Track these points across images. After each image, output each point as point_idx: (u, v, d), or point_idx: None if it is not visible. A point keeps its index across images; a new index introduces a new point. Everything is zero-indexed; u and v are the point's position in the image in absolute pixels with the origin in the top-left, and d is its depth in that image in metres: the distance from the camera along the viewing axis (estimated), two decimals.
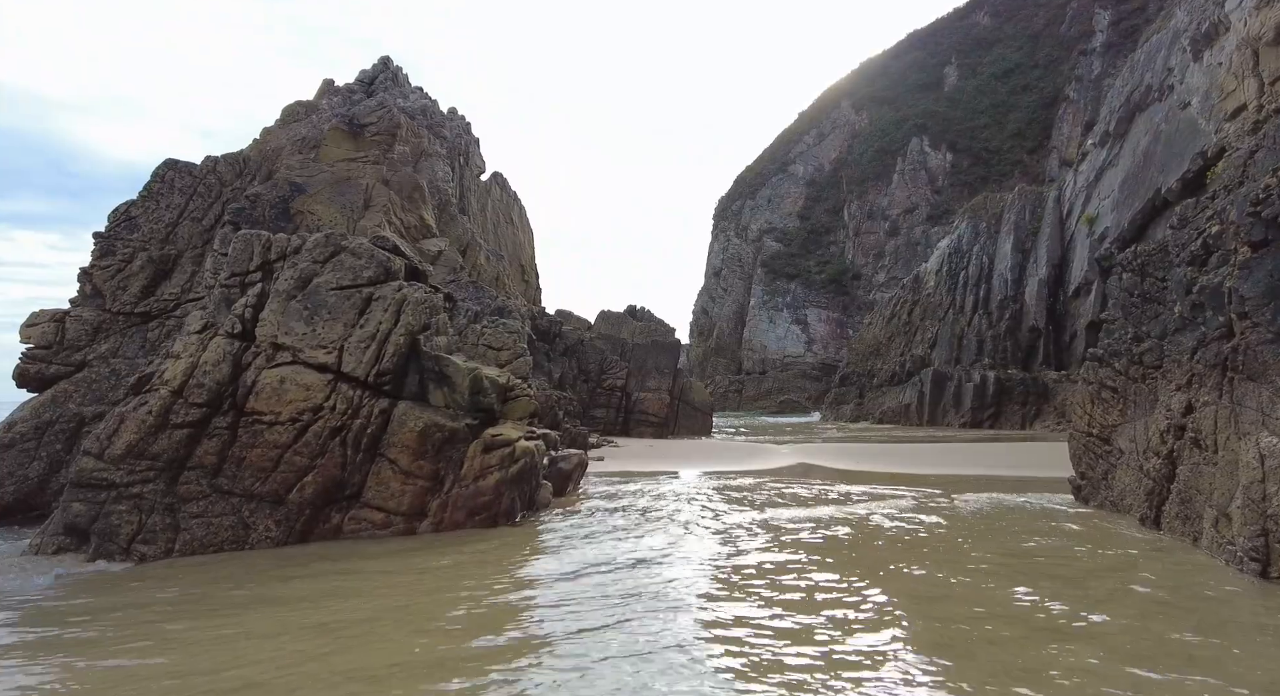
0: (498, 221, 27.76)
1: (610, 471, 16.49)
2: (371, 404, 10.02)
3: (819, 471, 17.15)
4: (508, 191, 29.98)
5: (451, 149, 24.64)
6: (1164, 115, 41.25)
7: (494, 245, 26.02)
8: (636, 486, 13.77)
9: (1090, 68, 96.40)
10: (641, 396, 32.26)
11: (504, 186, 30.13)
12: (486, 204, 27.33)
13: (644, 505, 11.73)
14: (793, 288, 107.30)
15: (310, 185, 14.33)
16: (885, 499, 12.45)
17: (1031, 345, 49.69)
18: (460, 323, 12.67)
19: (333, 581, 7.44)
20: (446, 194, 19.06)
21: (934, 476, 15.97)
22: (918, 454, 21.44)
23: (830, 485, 14.18)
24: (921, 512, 11.02)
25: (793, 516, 10.79)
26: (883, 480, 15.34)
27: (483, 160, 28.77)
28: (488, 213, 27.05)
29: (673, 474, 16.08)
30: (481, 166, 28.34)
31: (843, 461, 19.07)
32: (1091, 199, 48.76)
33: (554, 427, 17.64)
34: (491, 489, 10.34)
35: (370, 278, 10.57)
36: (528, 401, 11.73)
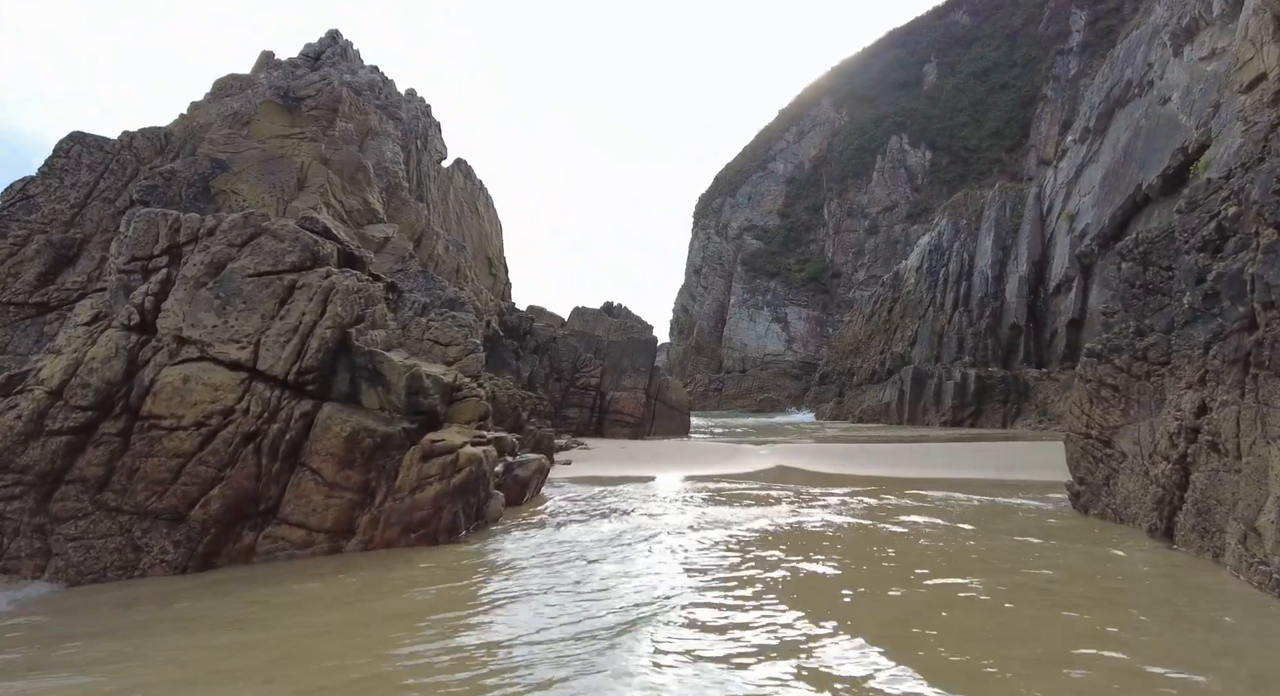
0: (461, 211, 26.47)
1: (577, 477, 15.37)
2: (292, 406, 8.82)
3: (797, 475, 16.17)
4: (472, 180, 28.62)
5: (408, 131, 23.25)
6: (1144, 111, 40.95)
7: (457, 236, 24.73)
8: (602, 494, 12.66)
9: (1067, 67, 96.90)
10: (616, 396, 31.16)
11: (469, 175, 28.78)
12: (449, 192, 26.00)
13: (606, 518, 10.61)
14: (773, 286, 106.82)
15: (235, 162, 12.98)
16: (870, 508, 11.46)
17: (1012, 343, 49.32)
18: (405, 315, 11.48)
19: (222, 615, 6.26)
20: (397, 177, 17.75)
21: (918, 480, 15.05)
22: (899, 455, 20.57)
23: (809, 491, 13.18)
24: (909, 528, 10.03)
25: (766, 525, 9.76)
26: (863, 483, 14.38)
27: (444, 146, 27.37)
28: (450, 201, 25.73)
29: (642, 479, 15.00)
30: (442, 152, 26.94)
31: (822, 463, 18.12)
32: (1072, 195, 48.48)
33: (516, 430, 16.49)
34: (430, 502, 9.18)
35: (294, 263, 9.34)
36: (477, 403, 10.57)
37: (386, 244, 14.89)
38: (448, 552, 8.90)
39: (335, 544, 8.77)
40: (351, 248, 10.69)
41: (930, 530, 9.63)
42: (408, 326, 11.26)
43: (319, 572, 7.93)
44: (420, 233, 18.05)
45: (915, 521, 10.25)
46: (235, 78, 17.91)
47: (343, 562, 8.42)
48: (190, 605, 6.66)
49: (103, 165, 12.66)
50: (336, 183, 14.21)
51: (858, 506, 11.54)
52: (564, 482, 14.44)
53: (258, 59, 19.32)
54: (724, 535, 9.29)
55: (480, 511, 10.14)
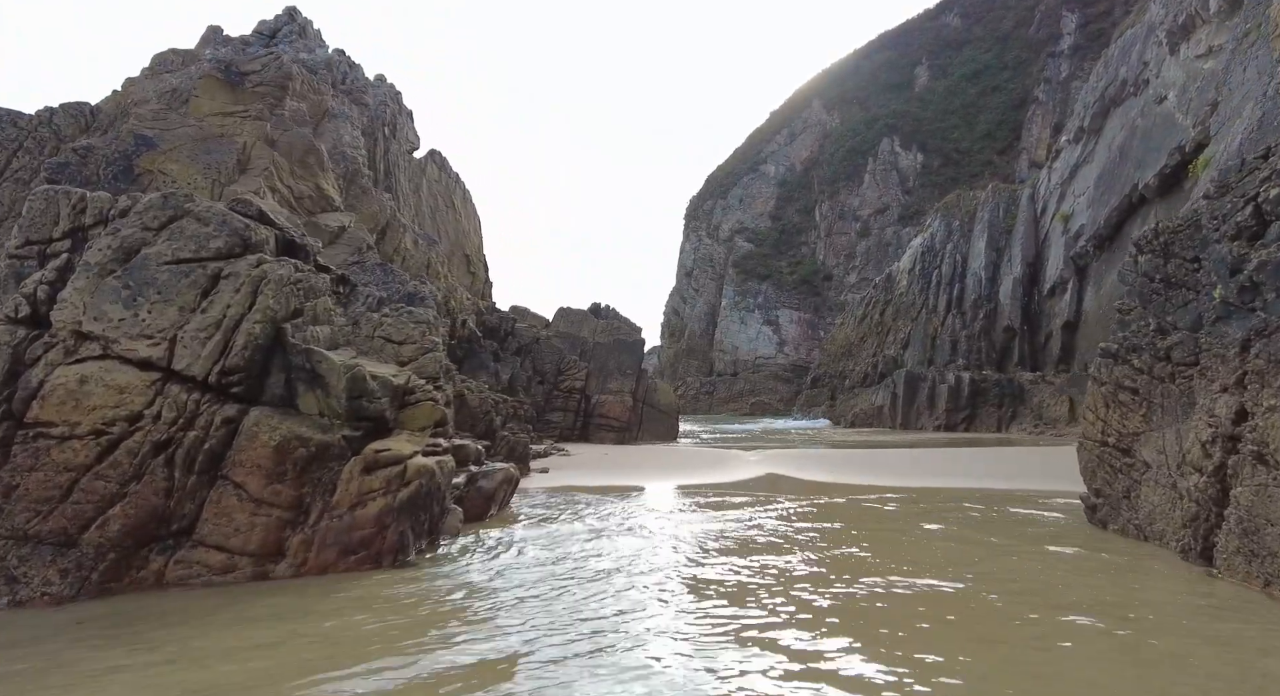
0: (435, 205, 25.30)
1: (553, 487, 14.29)
2: (213, 411, 7.72)
3: (789, 484, 15.15)
4: (448, 172, 27.42)
5: (374, 118, 22.01)
6: (1140, 110, 40.35)
7: (431, 231, 23.57)
8: (576, 508, 11.59)
9: (1058, 70, 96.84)
10: (602, 399, 30.10)
11: (443, 167, 27.56)
12: (421, 184, 24.83)
13: (577, 537, 9.55)
14: (764, 288, 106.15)
15: (165, 140, 11.82)
16: (864, 524, 10.45)
17: (1006, 346, 48.62)
18: (357, 310, 10.39)
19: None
20: (357, 164, 16.60)
21: (917, 490, 14.06)
22: (894, 462, 19.60)
23: (805, 504, 12.17)
24: (924, 549, 9.03)
25: (755, 535, 8.74)
26: (859, 493, 13.38)
27: (416, 136, 26.11)
28: (422, 194, 24.58)
29: (623, 490, 13.93)
30: (414, 142, 25.70)
31: (815, 471, 17.11)
32: (1066, 196, 47.87)
33: (487, 436, 15.40)
34: (373, 519, 8.10)
35: (220, 249, 8.25)
36: (431, 408, 9.50)
37: (342, 234, 13.79)
38: (391, 578, 7.82)
39: (262, 568, 7.67)
40: (293, 234, 9.61)
41: (945, 552, 8.63)
42: (358, 322, 10.18)
43: (234, 604, 6.83)
44: (384, 224, 16.86)
45: (931, 540, 9.25)
46: (176, 53, 16.60)
47: (267, 590, 7.32)
48: (58, 648, 5.56)
49: (16, 142, 11.54)
50: (284, 166, 13.04)
51: (841, 520, 10.53)
52: (538, 493, 13.37)
53: (203, 34, 17.97)
54: (719, 572, 8.25)
55: (434, 528, 9.06)
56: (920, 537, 9.39)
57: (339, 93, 18.83)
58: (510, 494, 12.24)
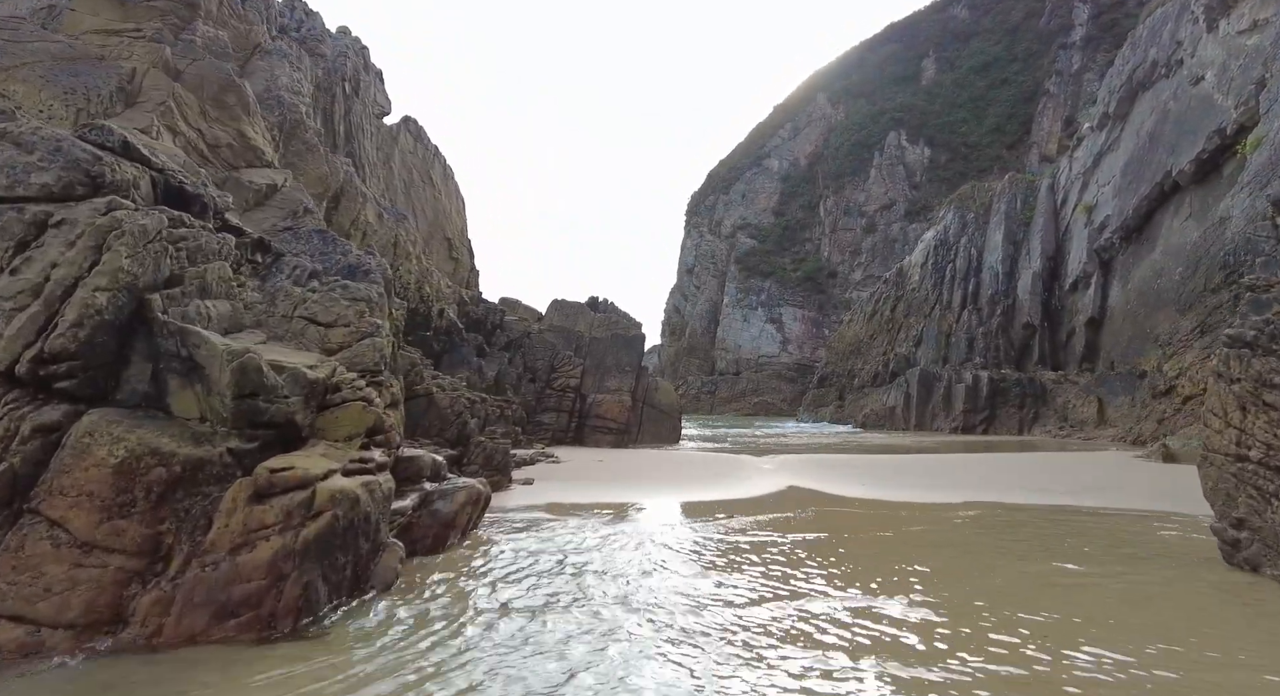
0: (410, 179, 22.81)
1: (533, 504, 11.90)
2: (18, 416, 5.36)
3: (818, 501, 12.77)
4: (425, 144, 24.87)
5: (331, 71, 19.47)
6: (1172, 92, 37.94)
7: (405, 208, 21.18)
8: (558, 538, 9.20)
9: (1070, 62, 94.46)
10: (599, 399, 27.71)
11: (419, 137, 24.95)
12: (392, 155, 22.32)
13: (558, 587, 7.15)
14: (767, 285, 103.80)
15: (10, 54, 9.40)
16: (977, 585, 8.06)
17: (1025, 343, 46.24)
18: (279, 284, 8.01)
19: None
20: (299, 113, 14.14)
21: (977, 506, 11.69)
22: (931, 471, 17.22)
23: (849, 534, 9.78)
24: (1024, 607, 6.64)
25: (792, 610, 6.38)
26: (913, 515, 11.01)
27: (387, 100, 23.53)
28: (394, 166, 22.11)
29: (618, 509, 11.55)
30: (385, 107, 23.15)
31: (842, 483, 14.74)
32: (1089, 186, 45.47)
33: (459, 443, 13.02)
34: (265, 566, 5.74)
35: (48, 187, 5.88)
36: (360, 410, 7.13)
37: (273, 194, 11.42)
38: (289, 652, 5.44)
39: (88, 642, 5.30)
40: (183, 180, 7.23)
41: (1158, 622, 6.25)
42: (275, 298, 7.81)
43: None
44: (337, 191, 14.40)
45: (1106, 598, 6.86)
46: None
47: (88, 683, 4.94)
48: None
49: None
50: (190, 103, 10.66)
51: (949, 578, 8.14)
52: (514, 513, 10.99)
53: None
54: (749, 643, 5.87)
55: (360, 575, 6.69)
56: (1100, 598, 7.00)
57: (288, 39, 16.33)
58: (478, 516, 9.85)
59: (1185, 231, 35.23)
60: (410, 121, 25.15)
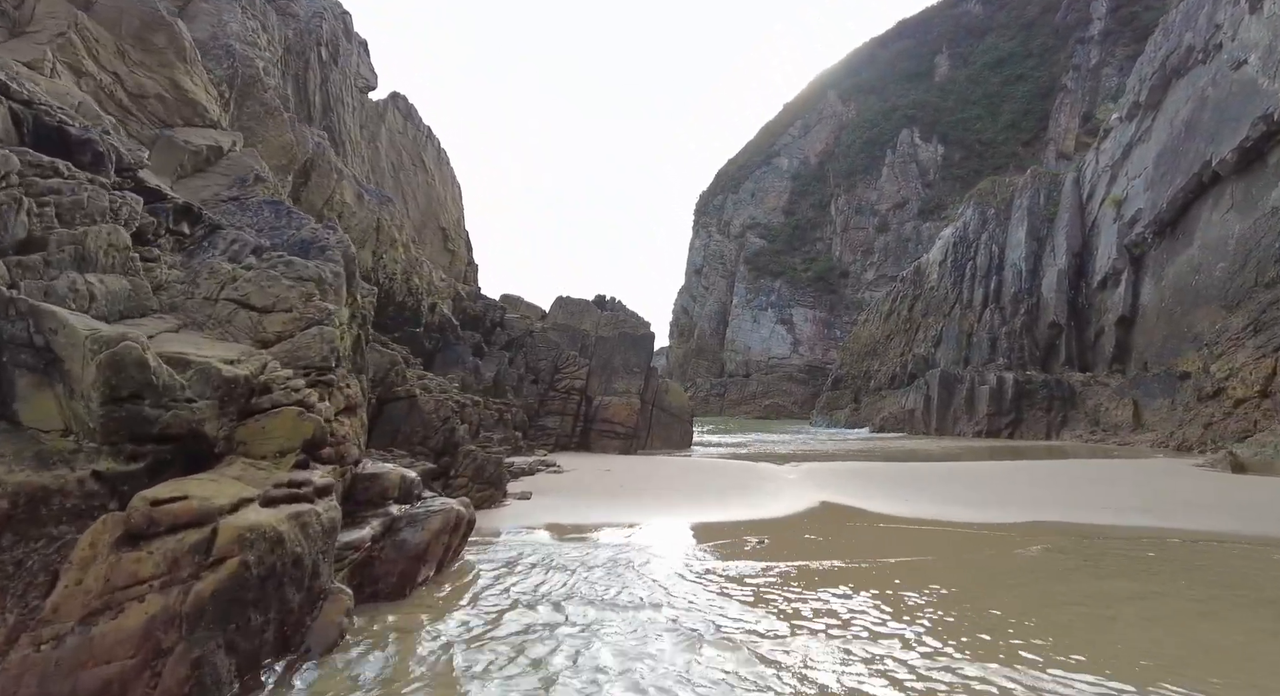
0: (399, 161, 21.10)
1: (529, 525, 10.24)
2: None
3: (861, 520, 11.04)
4: (416, 123, 23.08)
5: (304, 33, 17.76)
6: (1210, 78, 35.97)
7: (393, 192, 19.51)
8: (558, 575, 7.50)
9: (1088, 56, 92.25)
10: (606, 401, 26.06)
11: (410, 116, 23.16)
12: (379, 134, 20.58)
13: (555, 664, 5.42)
14: (777, 286, 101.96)
15: None
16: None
17: (1051, 343, 44.26)
18: (208, 260, 6.35)
19: None
20: (255, 71, 12.46)
21: (1045, 530, 9.94)
22: (977, 483, 15.44)
23: (923, 587, 8.05)
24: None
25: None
26: (974, 545, 9.28)
27: (373, 74, 21.70)
28: (380, 145, 20.38)
29: (632, 534, 9.84)
30: (370, 81, 21.34)
31: (884, 498, 13.00)
32: (1118, 179, 43.50)
33: (446, 452, 11.36)
34: (134, 639, 4.10)
35: None
36: (294, 419, 5.48)
37: (218, 159, 9.81)
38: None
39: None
40: (66, 121, 5.59)
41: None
42: (197, 277, 6.18)
43: None
44: (307, 164, 12.70)
45: None
46: None
47: None
48: None
49: None
50: (104, 41, 9.05)
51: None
52: (505, 538, 9.32)
53: None
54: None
55: (289, 636, 5.02)
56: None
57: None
58: (459, 544, 8.17)
59: (1226, 224, 33.27)
60: (399, 98, 23.36)
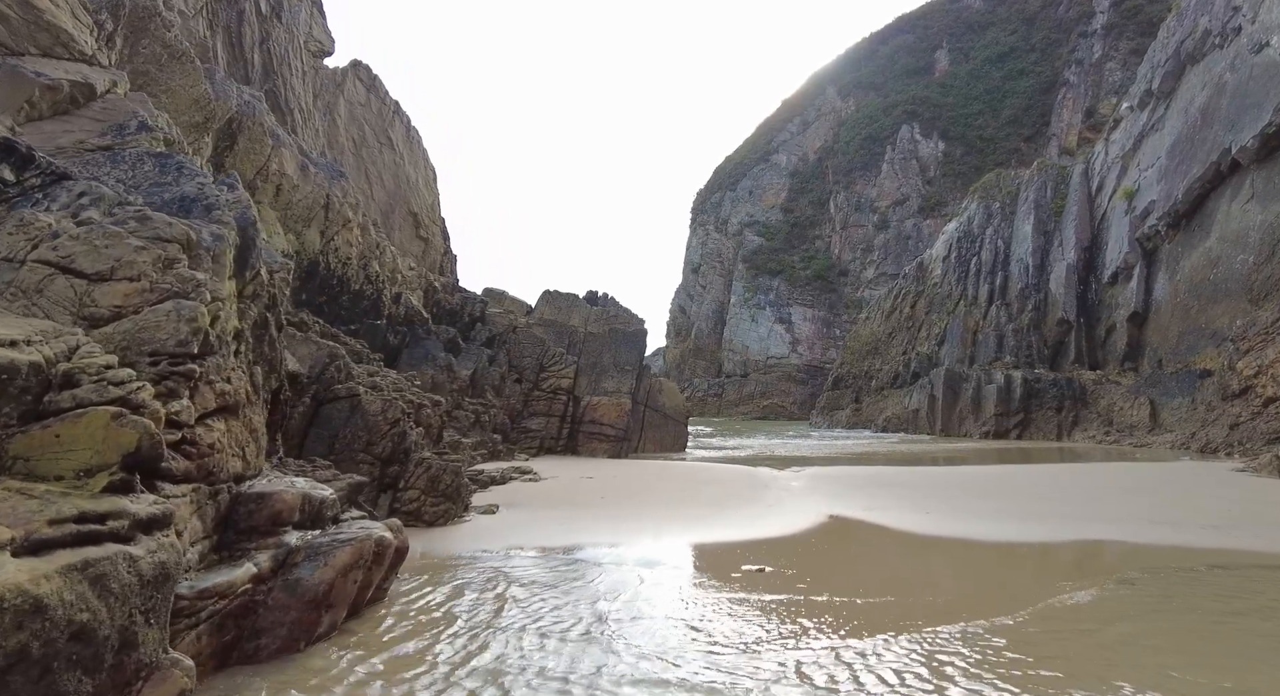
0: (361, 138, 19.32)
1: (487, 549, 8.63)
2: None
3: (880, 540, 9.44)
4: (380, 96, 21.20)
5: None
6: (1229, 63, 34.46)
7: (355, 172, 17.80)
8: (505, 633, 5.83)
9: (1090, 51, 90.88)
10: (594, 401, 24.44)
11: (373, 88, 21.27)
12: (337, 105, 18.83)
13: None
14: (775, 284, 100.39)
15: None
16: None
17: (1060, 341, 42.73)
18: (25, 212, 4.70)
19: None
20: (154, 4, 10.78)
21: (1099, 551, 8.36)
22: (1004, 488, 13.86)
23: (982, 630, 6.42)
24: None
25: None
26: (1018, 565, 7.69)
27: (328, 37, 19.84)
28: (338, 117, 18.63)
29: (606, 554, 8.24)
30: (325, 46, 19.31)
31: (897, 510, 11.42)
32: (1129, 170, 41.99)
33: (395, 461, 9.74)
34: None
35: None
36: (105, 424, 3.86)
37: (90, 101, 8.20)
38: None
39: None
40: None
41: None
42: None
43: None
44: (231, 125, 10.97)
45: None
46: None
47: None
48: None
49: None
50: None
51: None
52: (451, 570, 7.69)
53: None
54: None
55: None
56: None
57: None
58: (385, 578, 6.55)
59: (1247, 215, 31.75)
60: (361, 68, 21.40)
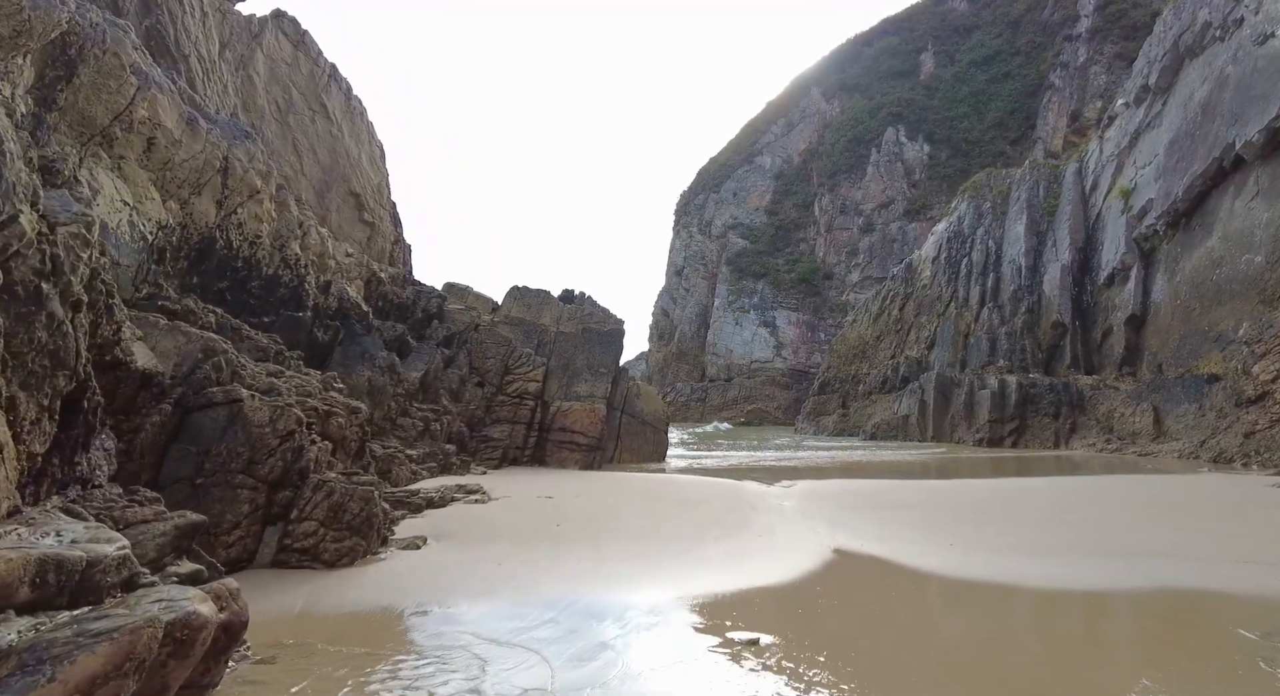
0: (287, 101, 16.93)
1: (387, 608, 6.55)
2: None
3: (899, 583, 7.45)
4: (312, 56, 18.53)
5: None
6: (1231, 56, 33.14)
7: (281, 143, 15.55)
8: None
9: (1075, 54, 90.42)
10: (565, 407, 22.36)
11: (302, 46, 18.53)
12: (253, 59, 16.38)
13: None
14: (760, 287, 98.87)
15: None
16: None
17: (1055, 344, 41.24)
18: None
19: None
20: None
21: (1192, 606, 6.41)
22: (1031, 508, 11.94)
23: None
24: None
25: None
26: (1092, 625, 5.73)
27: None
28: (255, 75, 16.19)
29: (543, 623, 6.16)
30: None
31: (916, 540, 9.45)
32: (1125, 168, 40.67)
33: (282, 486, 7.61)
34: None
35: None
36: None
37: None
38: None
39: None
40: None
41: None
42: None
43: None
44: (72, 51, 8.54)
45: None
46: None
47: None
48: None
49: None
50: None
51: None
52: (337, 632, 5.57)
53: None
54: None
55: None
56: None
57: None
58: (205, 674, 4.41)
59: (1252, 213, 30.36)
60: (286, 20, 18.71)
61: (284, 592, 6.95)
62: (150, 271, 8.92)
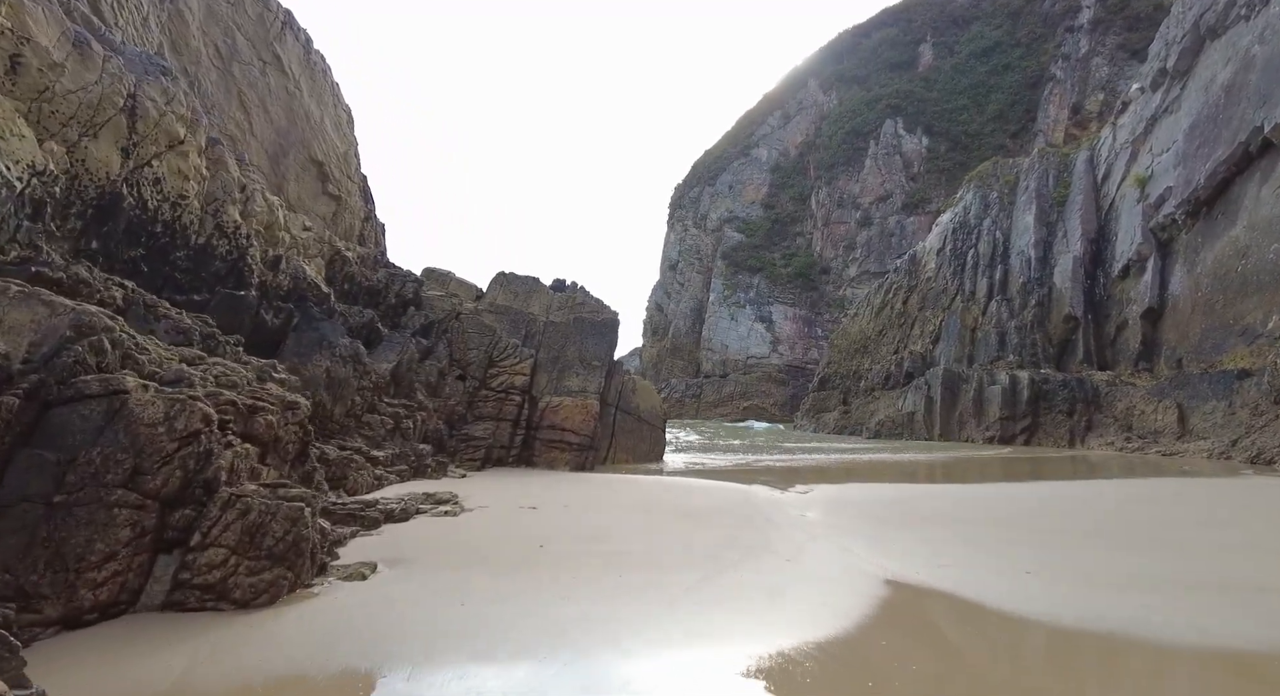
0: (231, 49, 14.67)
1: (303, 675, 4.65)
2: None
3: (991, 638, 5.69)
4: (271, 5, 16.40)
5: None
6: (1257, 35, 31.56)
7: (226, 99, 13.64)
8: None
9: (1077, 46, 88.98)
10: (555, 403, 20.53)
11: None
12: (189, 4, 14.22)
13: None
14: (756, 282, 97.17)
15: None
16: None
17: (1066, 339, 39.67)
18: None
19: None
20: None
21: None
22: (1094, 517, 10.22)
23: None
24: None
25: None
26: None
27: None
28: (191, 18, 14.04)
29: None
30: None
31: (985, 565, 7.73)
32: (1140, 156, 39.08)
33: (181, 503, 5.78)
34: None
35: None
36: None
37: None
38: None
39: None
40: None
41: None
42: None
43: None
44: None
45: None
46: None
47: None
48: None
49: None
50: None
51: None
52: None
53: None
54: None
55: None
56: None
57: None
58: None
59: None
60: None
61: (167, 647, 5.13)
62: (22, 228, 7.08)
